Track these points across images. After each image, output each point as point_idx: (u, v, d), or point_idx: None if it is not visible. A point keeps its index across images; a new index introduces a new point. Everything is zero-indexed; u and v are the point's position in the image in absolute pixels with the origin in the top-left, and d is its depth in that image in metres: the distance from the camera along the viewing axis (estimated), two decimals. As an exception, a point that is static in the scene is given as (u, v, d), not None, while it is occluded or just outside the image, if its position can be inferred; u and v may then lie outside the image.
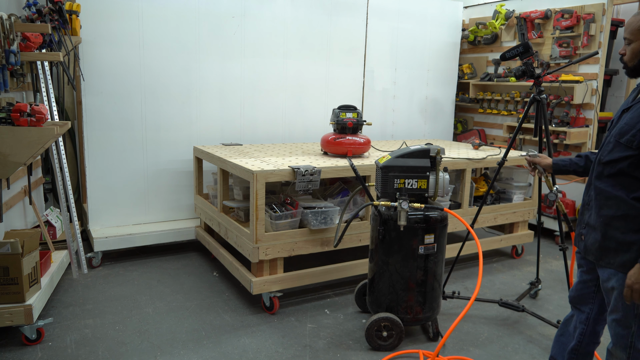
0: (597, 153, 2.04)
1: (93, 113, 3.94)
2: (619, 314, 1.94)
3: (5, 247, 2.62)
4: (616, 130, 1.93)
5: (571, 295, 2.27)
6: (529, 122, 5.10)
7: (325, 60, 4.88)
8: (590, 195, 2.05)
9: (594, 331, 2.22)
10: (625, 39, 1.97)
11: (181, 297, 3.43)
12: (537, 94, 3.05)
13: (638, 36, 1.89)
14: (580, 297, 2.22)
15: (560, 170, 2.44)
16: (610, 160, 1.93)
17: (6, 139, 2.47)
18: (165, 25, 4.08)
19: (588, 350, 2.25)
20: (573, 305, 2.27)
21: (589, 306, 2.20)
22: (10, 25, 2.65)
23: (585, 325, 2.21)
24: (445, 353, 2.84)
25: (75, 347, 2.75)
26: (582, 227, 2.10)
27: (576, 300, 2.25)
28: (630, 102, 1.95)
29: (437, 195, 2.84)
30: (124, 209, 4.17)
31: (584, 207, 2.10)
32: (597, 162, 2.01)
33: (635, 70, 1.95)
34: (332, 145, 3.69)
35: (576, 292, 2.24)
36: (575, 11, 4.76)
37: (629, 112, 1.92)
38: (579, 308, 2.24)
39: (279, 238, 3.18)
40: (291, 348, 2.83)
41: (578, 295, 2.23)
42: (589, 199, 2.06)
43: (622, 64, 2.02)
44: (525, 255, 4.52)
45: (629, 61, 1.96)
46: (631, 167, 1.87)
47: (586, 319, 2.21)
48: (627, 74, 2.01)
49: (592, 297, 2.18)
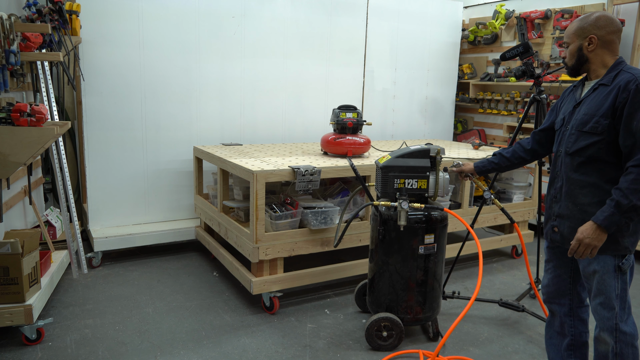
0: (556, 148, 2.18)
1: (93, 113, 3.94)
2: (602, 296, 2.02)
3: (5, 247, 2.62)
4: (576, 122, 2.08)
5: (547, 292, 2.33)
6: (529, 122, 5.10)
7: (325, 60, 4.88)
8: (557, 188, 2.17)
9: (581, 319, 2.29)
10: (564, 43, 2.16)
11: (181, 297, 3.43)
12: (537, 94, 3.06)
13: (573, 39, 2.09)
14: (557, 292, 2.29)
15: (482, 171, 2.67)
16: (578, 150, 2.05)
17: (6, 139, 2.46)
18: (165, 25, 4.08)
19: (582, 340, 2.30)
20: (551, 302, 2.33)
21: (568, 297, 2.27)
22: (10, 25, 2.65)
23: (571, 317, 2.28)
24: (445, 353, 2.84)
25: (75, 347, 2.75)
26: (553, 219, 2.19)
27: (553, 295, 2.31)
28: (580, 98, 2.12)
29: (437, 195, 2.84)
30: (124, 209, 4.17)
31: (552, 200, 2.21)
32: (563, 154, 2.13)
33: (574, 69, 2.14)
34: (332, 145, 3.69)
35: (553, 287, 2.30)
36: (575, 11, 4.76)
37: (582, 105, 2.08)
38: (558, 302, 2.30)
39: (279, 238, 3.18)
40: (291, 348, 2.83)
41: (555, 290, 2.29)
42: (556, 192, 2.18)
43: (564, 66, 2.21)
44: (525, 255, 4.52)
45: (568, 61, 2.15)
46: (601, 152, 1.99)
47: (569, 311, 2.28)
48: (569, 74, 2.19)
49: (568, 288, 2.26)
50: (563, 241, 2.15)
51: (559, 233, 2.16)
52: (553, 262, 2.28)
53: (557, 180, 2.17)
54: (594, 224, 1.92)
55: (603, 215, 1.91)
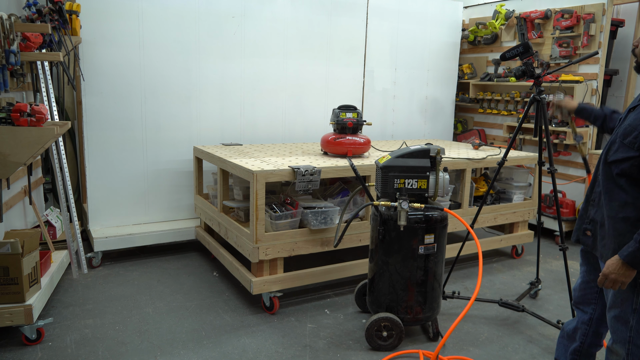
0: (603, 151, 2.01)
1: (93, 113, 3.94)
2: (618, 309, 1.93)
3: (5, 247, 2.62)
4: (621, 130, 1.91)
5: (575, 295, 2.25)
6: (529, 122, 5.10)
7: (325, 60, 4.88)
8: (597, 192, 2.02)
9: (597, 332, 2.21)
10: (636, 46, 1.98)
11: (181, 297, 3.43)
12: (537, 94, 3.05)
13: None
14: (583, 297, 2.21)
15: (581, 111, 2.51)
16: (615, 160, 1.90)
17: (6, 139, 2.46)
18: (165, 25, 4.08)
19: (590, 352, 2.24)
20: (576, 305, 2.26)
21: (592, 306, 2.19)
22: (10, 25, 2.65)
23: (588, 326, 2.21)
24: (445, 353, 2.84)
25: (75, 347, 2.75)
26: (587, 222, 2.08)
27: (579, 301, 2.23)
28: (637, 102, 1.93)
29: (437, 195, 2.84)
30: (124, 209, 4.17)
31: (589, 203, 2.07)
32: (602, 160, 1.98)
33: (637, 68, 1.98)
34: (332, 145, 3.69)
35: (580, 292, 2.22)
36: (575, 11, 4.76)
37: (634, 111, 1.90)
38: (581, 309, 2.23)
39: (279, 238, 3.18)
40: (291, 348, 2.83)
41: (581, 295, 2.21)
42: (595, 196, 2.03)
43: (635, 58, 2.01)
44: (525, 255, 4.52)
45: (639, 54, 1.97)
46: (633, 169, 1.84)
47: (589, 320, 2.20)
48: (636, 69, 2.02)
49: (594, 297, 2.17)
50: (593, 247, 2.05)
51: (591, 237, 2.05)
52: (585, 266, 2.18)
53: (597, 184, 2.02)
54: (619, 259, 1.81)
55: (627, 250, 1.79)
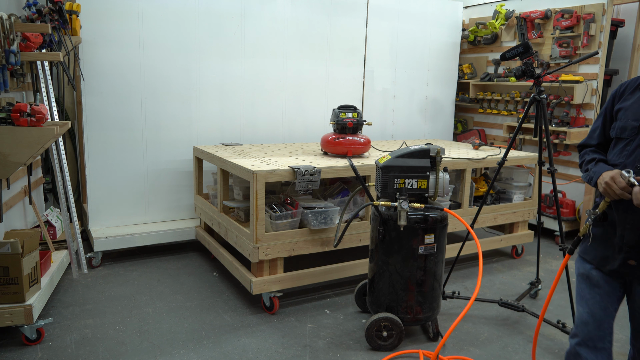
0: (623, 160, 1.83)
1: (93, 113, 3.94)
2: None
3: (5, 247, 2.62)
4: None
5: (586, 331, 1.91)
6: (529, 122, 5.10)
7: (325, 60, 4.88)
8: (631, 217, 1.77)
9: None
10: None
11: (181, 297, 3.43)
12: (537, 94, 3.05)
13: None
14: (599, 329, 1.90)
15: None
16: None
17: (6, 139, 2.47)
18: (165, 25, 4.08)
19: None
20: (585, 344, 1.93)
21: (608, 340, 1.91)
22: (10, 25, 2.65)
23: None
24: (445, 353, 2.84)
25: (75, 347, 2.75)
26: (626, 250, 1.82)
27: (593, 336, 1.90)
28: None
29: (437, 195, 2.84)
30: (124, 209, 4.17)
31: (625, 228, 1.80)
32: None
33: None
34: (332, 145, 3.69)
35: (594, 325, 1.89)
36: (575, 11, 4.76)
37: None
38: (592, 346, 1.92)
39: (279, 238, 3.18)
40: (291, 348, 2.83)
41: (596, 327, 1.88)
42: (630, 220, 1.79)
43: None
44: (525, 255, 4.52)
45: None
46: None
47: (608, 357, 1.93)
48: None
49: (610, 327, 1.91)
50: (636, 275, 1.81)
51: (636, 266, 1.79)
52: (598, 289, 1.89)
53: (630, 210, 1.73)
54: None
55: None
